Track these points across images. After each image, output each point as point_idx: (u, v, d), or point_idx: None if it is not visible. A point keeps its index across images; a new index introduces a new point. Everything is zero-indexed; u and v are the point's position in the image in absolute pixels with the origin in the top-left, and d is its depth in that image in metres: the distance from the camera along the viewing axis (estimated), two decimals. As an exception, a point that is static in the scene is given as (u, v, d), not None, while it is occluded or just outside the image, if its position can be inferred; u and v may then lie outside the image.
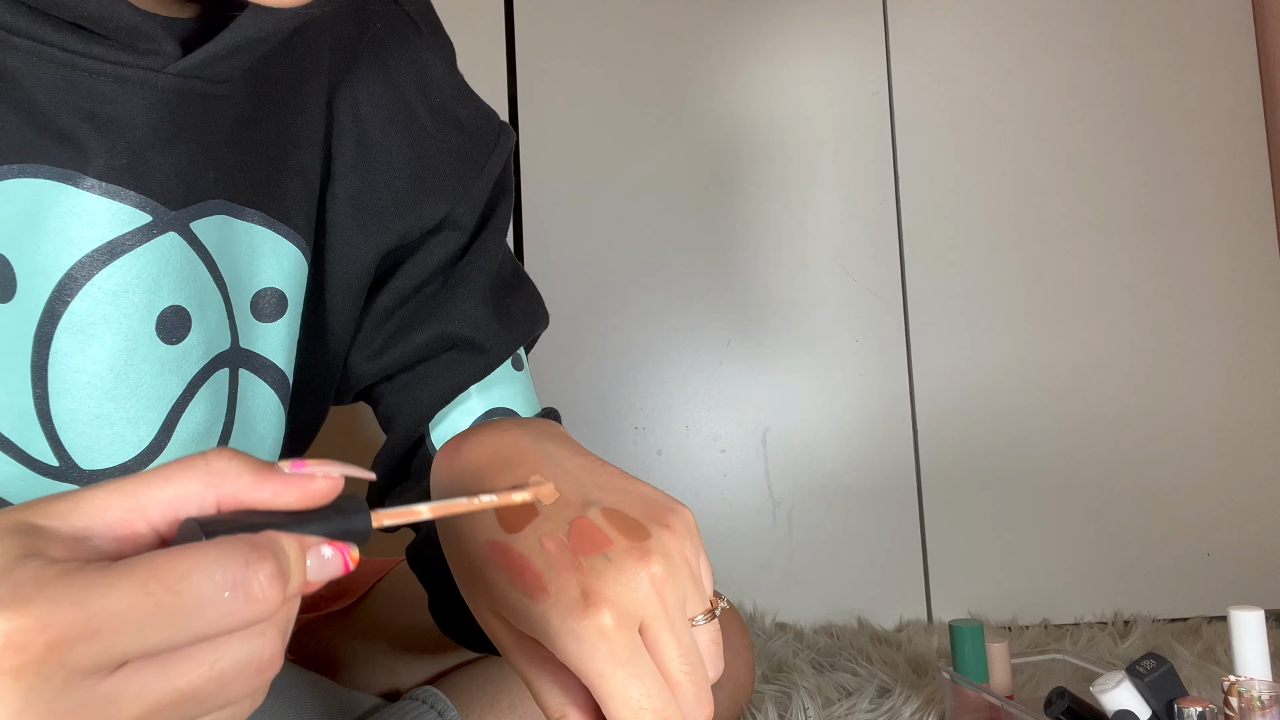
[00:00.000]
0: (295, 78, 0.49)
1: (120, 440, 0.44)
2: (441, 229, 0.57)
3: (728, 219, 1.37)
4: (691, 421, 1.35)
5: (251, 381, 0.50)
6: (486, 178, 0.58)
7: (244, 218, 0.48)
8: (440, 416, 0.59)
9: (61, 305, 0.41)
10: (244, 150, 0.47)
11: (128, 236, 0.42)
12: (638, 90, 1.38)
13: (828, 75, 1.39)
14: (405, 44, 0.55)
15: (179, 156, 0.43)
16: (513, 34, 1.39)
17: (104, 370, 0.43)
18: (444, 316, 0.57)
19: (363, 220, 0.54)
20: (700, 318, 1.36)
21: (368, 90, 0.53)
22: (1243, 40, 1.38)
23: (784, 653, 1.08)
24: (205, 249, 0.46)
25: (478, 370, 0.58)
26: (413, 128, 0.55)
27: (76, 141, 0.40)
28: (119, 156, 0.41)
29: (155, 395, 0.44)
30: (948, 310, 1.35)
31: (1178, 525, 1.32)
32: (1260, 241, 1.36)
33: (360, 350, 0.57)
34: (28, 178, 0.40)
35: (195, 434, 0.47)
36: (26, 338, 0.41)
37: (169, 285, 0.44)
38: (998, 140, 1.37)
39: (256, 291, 0.50)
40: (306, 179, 0.51)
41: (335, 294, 0.54)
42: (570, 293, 1.36)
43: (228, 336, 0.48)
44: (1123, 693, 0.60)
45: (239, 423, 0.50)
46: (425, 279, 0.57)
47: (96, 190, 0.41)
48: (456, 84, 0.58)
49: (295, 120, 0.50)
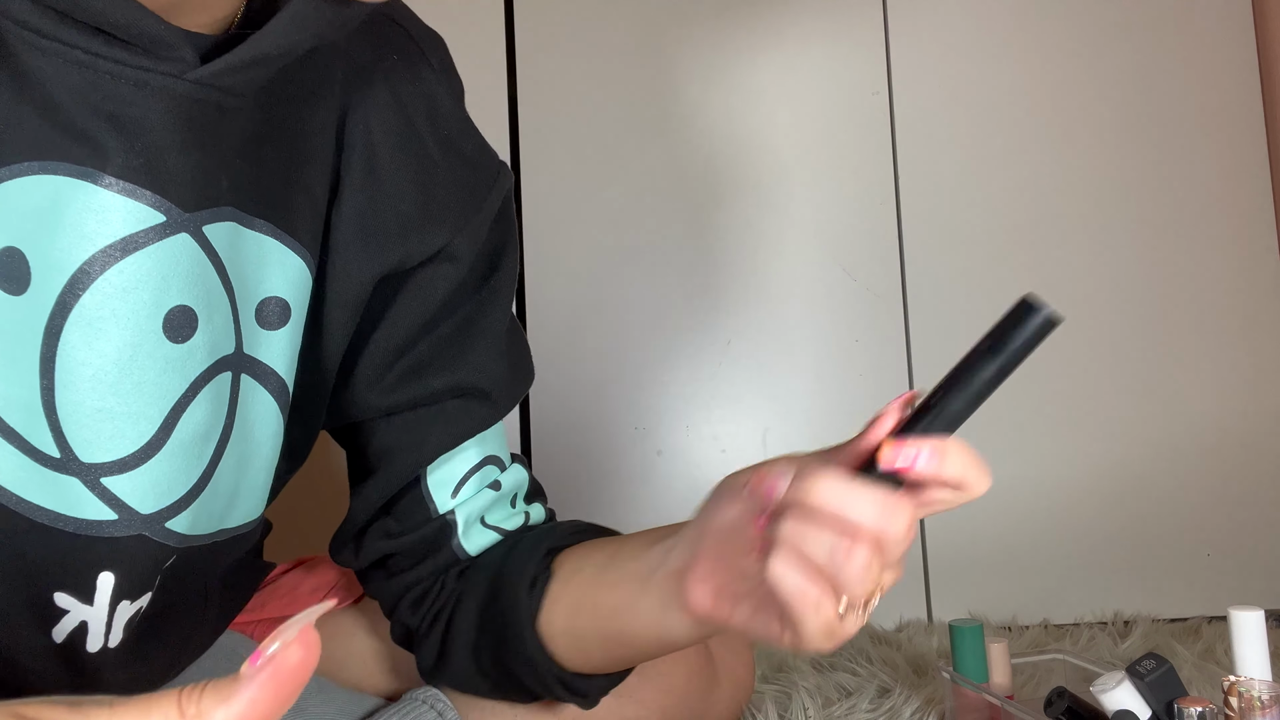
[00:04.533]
0: (306, 98, 0.50)
1: (120, 435, 0.44)
2: (439, 259, 0.58)
3: (728, 219, 1.37)
4: (691, 421, 1.35)
5: (252, 387, 0.51)
6: (486, 212, 0.59)
7: (253, 227, 0.48)
8: (439, 462, 0.60)
9: (73, 299, 0.42)
10: (255, 164, 0.47)
11: (141, 234, 0.43)
12: (637, 91, 1.38)
13: (828, 75, 1.39)
14: (418, 77, 0.57)
15: (194, 161, 0.44)
16: (513, 34, 1.39)
17: (109, 365, 0.43)
18: (464, 366, 0.59)
19: (366, 239, 0.55)
20: (700, 318, 1.36)
21: (380, 115, 0.55)
22: (1243, 40, 1.38)
23: (784, 653, 1.08)
24: (215, 252, 0.46)
25: (485, 420, 0.60)
26: (420, 155, 0.56)
27: (96, 141, 0.41)
28: (137, 156, 0.42)
29: (158, 392, 0.45)
30: (948, 310, 1.35)
31: (1178, 525, 1.32)
32: (1260, 241, 1.36)
33: (370, 384, 0.58)
34: (48, 174, 0.41)
35: (194, 434, 0.47)
36: (37, 330, 0.42)
37: (178, 285, 0.44)
38: (998, 139, 1.37)
39: (262, 299, 0.50)
40: (313, 196, 0.52)
41: (333, 310, 0.55)
42: (570, 293, 1.36)
43: (232, 341, 0.48)
44: (1123, 693, 0.60)
45: (238, 427, 0.50)
46: (432, 316, 0.58)
47: (114, 188, 0.42)
48: (463, 120, 0.60)
49: (305, 140, 0.51)
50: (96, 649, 0.48)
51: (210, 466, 0.49)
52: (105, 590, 0.47)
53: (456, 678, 0.61)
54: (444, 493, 0.61)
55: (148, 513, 0.46)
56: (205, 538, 0.51)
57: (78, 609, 0.47)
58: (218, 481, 0.50)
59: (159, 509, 0.46)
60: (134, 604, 0.49)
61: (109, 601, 0.47)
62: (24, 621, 0.46)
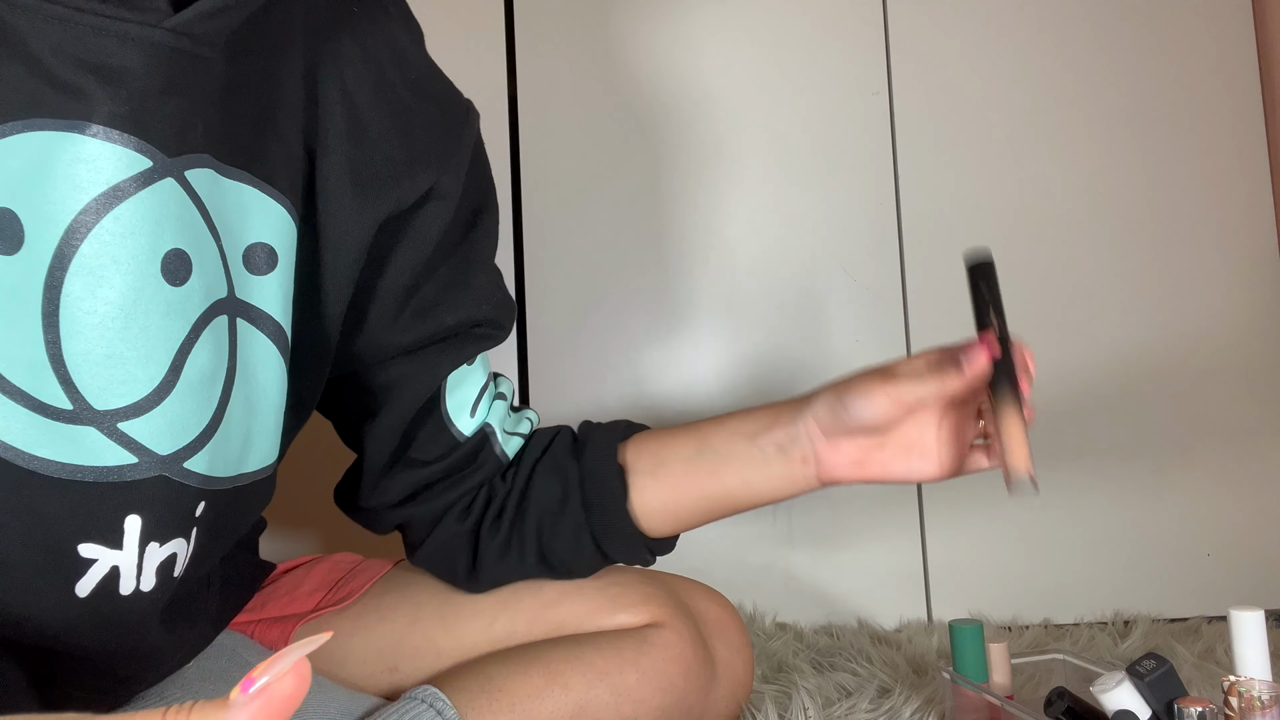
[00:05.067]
0: (271, 50, 0.52)
1: (132, 379, 0.45)
2: (430, 198, 0.61)
3: (727, 217, 1.37)
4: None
5: (249, 331, 0.52)
6: (464, 149, 0.62)
7: (230, 176, 0.50)
8: (453, 384, 0.66)
9: (71, 249, 0.43)
10: (227, 114, 0.49)
11: (130, 181, 0.44)
12: (638, 90, 1.38)
13: (828, 75, 1.39)
14: (379, 26, 0.59)
15: (173, 107, 0.45)
16: (513, 34, 1.39)
17: (114, 310, 0.44)
18: (469, 300, 0.65)
19: (360, 188, 0.57)
20: (700, 318, 1.36)
21: (351, 67, 0.57)
22: (1243, 40, 1.38)
23: (784, 653, 1.08)
24: (199, 197, 0.47)
25: (494, 341, 0.68)
26: (395, 101, 0.59)
27: (81, 92, 0.42)
28: (122, 104, 0.43)
29: (163, 335, 0.46)
30: (948, 310, 1.35)
31: (1178, 525, 1.32)
32: (1260, 242, 1.36)
33: (387, 326, 0.62)
34: (33, 131, 0.41)
35: (201, 376, 0.48)
36: (36, 287, 0.42)
37: (171, 229, 0.45)
38: (998, 140, 1.37)
39: (248, 245, 0.51)
40: (288, 146, 0.53)
41: (334, 257, 0.57)
42: (570, 293, 1.36)
43: (224, 284, 0.50)
44: (1123, 693, 0.60)
45: (241, 369, 0.51)
46: (430, 255, 0.62)
47: (101, 136, 0.43)
48: (428, 63, 0.63)
49: (273, 91, 0.52)
50: (129, 591, 0.49)
51: (220, 408, 0.50)
52: (133, 533, 0.47)
53: (524, 566, 0.70)
54: (463, 415, 0.67)
55: (166, 453, 0.47)
56: (226, 481, 0.52)
57: (106, 555, 0.47)
58: (229, 423, 0.51)
59: (176, 449, 0.47)
60: (163, 547, 0.49)
61: (138, 544, 0.48)
62: (49, 579, 0.46)
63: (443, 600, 0.72)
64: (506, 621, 0.70)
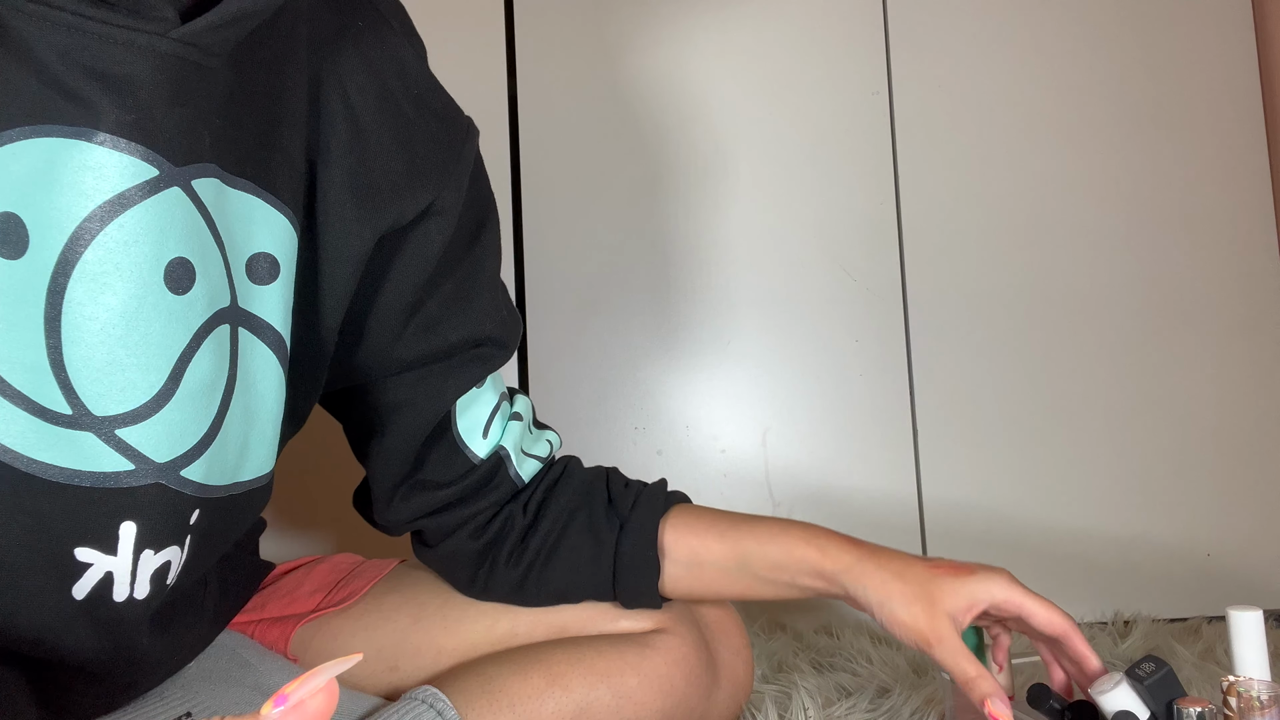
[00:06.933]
0: (275, 61, 0.52)
1: (132, 386, 0.45)
2: (430, 214, 0.61)
3: (727, 218, 1.37)
4: (691, 421, 1.35)
5: (250, 341, 0.52)
6: (464, 165, 0.62)
7: (235, 186, 0.50)
8: (463, 406, 0.66)
9: (75, 255, 0.43)
10: (232, 124, 0.49)
11: (136, 189, 0.44)
12: (638, 90, 1.38)
13: (827, 75, 1.39)
14: (383, 40, 0.59)
15: (179, 117, 0.45)
16: (513, 34, 1.39)
17: (116, 318, 0.44)
18: (472, 318, 0.64)
19: (360, 200, 0.57)
20: (700, 318, 1.36)
21: (355, 79, 0.57)
22: (1243, 40, 1.38)
23: (784, 653, 1.08)
24: (204, 206, 0.47)
25: (498, 361, 0.67)
26: (398, 115, 0.59)
27: (87, 100, 0.42)
28: (128, 113, 0.43)
29: (164, 343, 0.46)
30: (948, 310, 1.35)
31: (1178, 525, 1.32)
32: (1260, 242, 1.36)
33: (389, 341, 0.62)
34: (40, 137, 0.42)
35: (201, 384, 0.48)
36: (39, 292, 0.43)
37: (175, 237, 0.46)
38: (998, 140, 1.37)
39: (251, 255, 0.52)
40: (291, 158, 0.53)
41: (330, 269, 0.57)
42: (570, 293, 1.36)
43: (227, 294, 0.50)
44: (1121, 695, 0.60)
45: (241, 379, 0.52)
46: (433, 272, 0.62)
47: (108, 144, 0.43)
48: (430, 78, 0.63)
49: (278, 103, 0.52)
50: (123, 598, 0.49)
51: (219, 416, 0.50)
52: (128, 539, 0.48)
53: (535, 600, 0.71)
54: (476, 437, 0.67)
55: (163, 461, 0.47)
56: (221, 489, 0.52)
57: (101, 560, 0.47)
58: (227, 432, 0.51)
59: (173, 457, 0.48)
60: (157, 554, 0.49)
61: (132, 550, 0.48)
62: (46, 581, 0.46)
63: (445, 601, 0.72)
64: (509, 623, 0.71)
